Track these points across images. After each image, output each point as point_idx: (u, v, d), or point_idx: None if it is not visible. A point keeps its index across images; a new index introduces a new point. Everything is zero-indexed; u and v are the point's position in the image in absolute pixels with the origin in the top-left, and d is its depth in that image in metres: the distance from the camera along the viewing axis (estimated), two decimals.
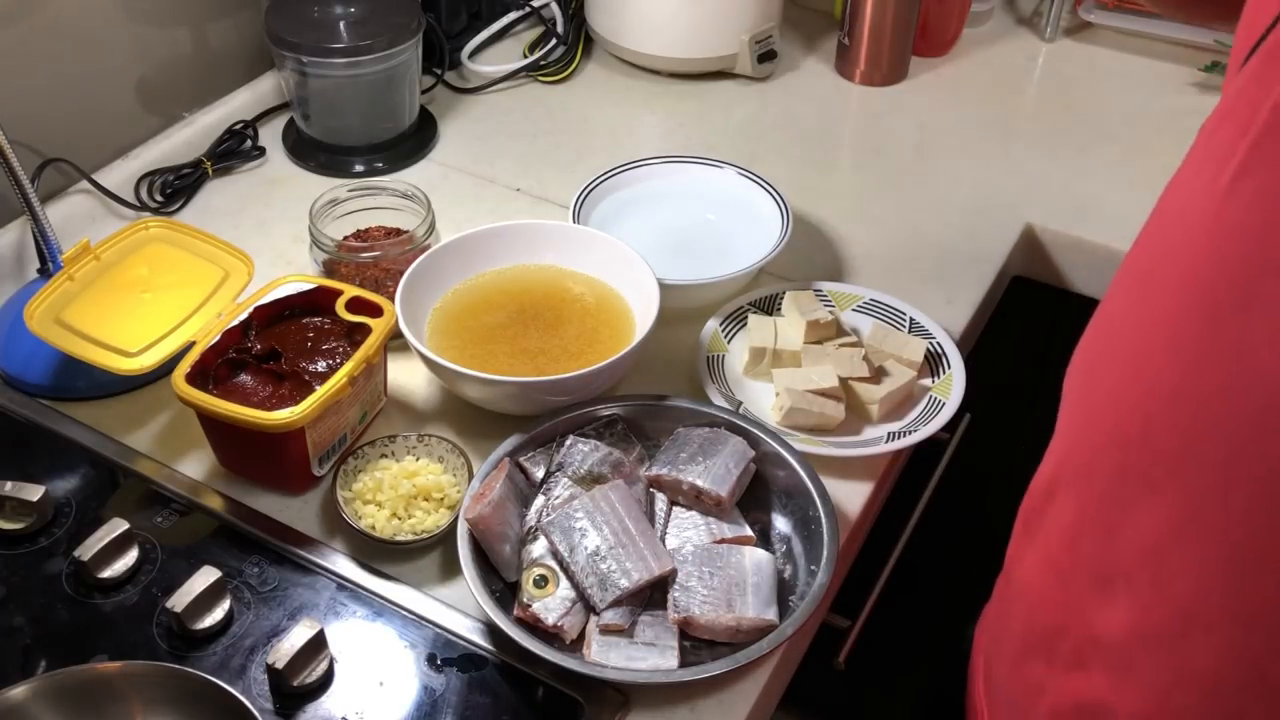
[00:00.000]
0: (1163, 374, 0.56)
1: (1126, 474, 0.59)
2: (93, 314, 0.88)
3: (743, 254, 1.02)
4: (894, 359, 0.94)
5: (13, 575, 0.80)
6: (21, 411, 0.91)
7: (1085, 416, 0.64)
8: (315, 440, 0.83)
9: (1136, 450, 0.58)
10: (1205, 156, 0.56)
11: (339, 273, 0.96)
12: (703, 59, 1.32)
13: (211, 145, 1.18)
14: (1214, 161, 0.54)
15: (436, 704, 0.73)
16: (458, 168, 1.21)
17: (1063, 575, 0.65)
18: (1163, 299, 0.56)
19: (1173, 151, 1.34)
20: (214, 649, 0.75)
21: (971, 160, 1.23)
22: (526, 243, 0.98)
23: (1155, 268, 0.58)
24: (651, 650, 0.74)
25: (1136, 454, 0.58)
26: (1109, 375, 0.61)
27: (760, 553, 0.78)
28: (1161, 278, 0.57)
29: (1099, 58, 1.39)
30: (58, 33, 1.05)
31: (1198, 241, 0.54)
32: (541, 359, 0.91)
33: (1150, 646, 0.59)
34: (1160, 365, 0.56)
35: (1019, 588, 0.72)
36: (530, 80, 1.34)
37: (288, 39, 1.12)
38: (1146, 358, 0.57)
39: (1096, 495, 0.62)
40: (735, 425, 0.85)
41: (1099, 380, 0.63)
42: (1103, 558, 0.61)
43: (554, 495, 0.81)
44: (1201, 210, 0.54)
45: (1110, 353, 0.62)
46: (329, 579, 0.80)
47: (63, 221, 1.02)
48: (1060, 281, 1.16)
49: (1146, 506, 0.58)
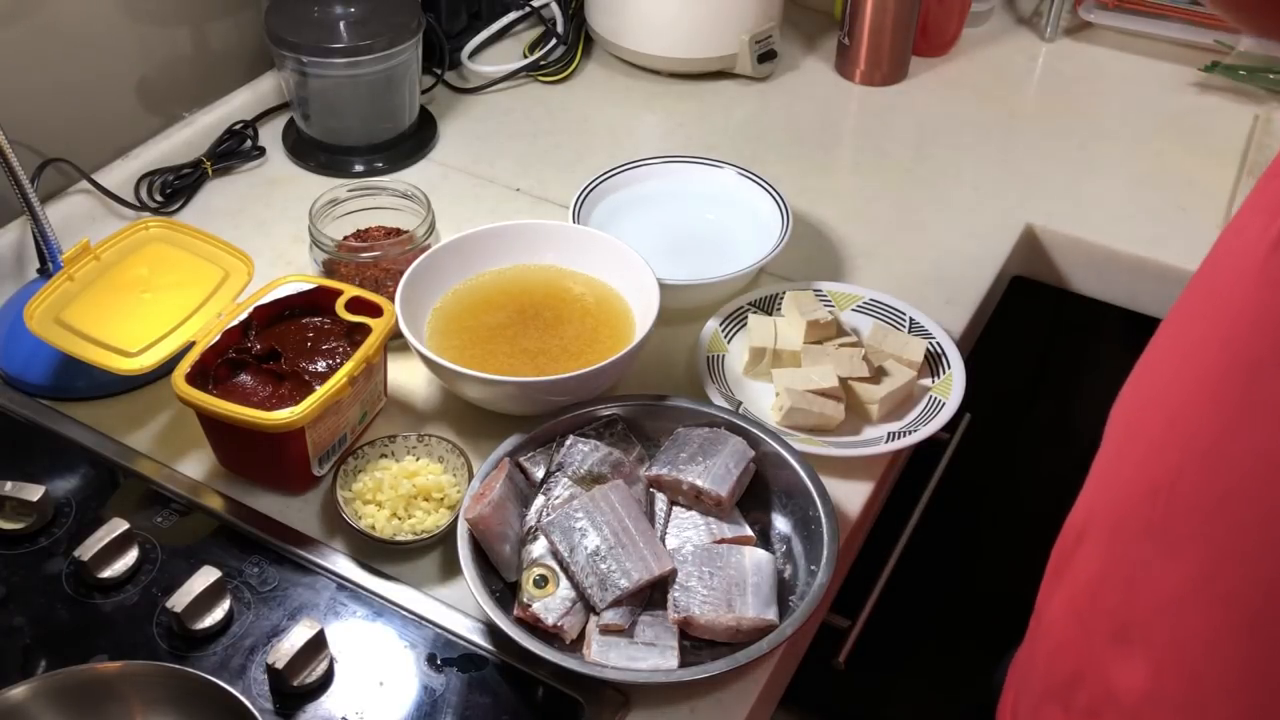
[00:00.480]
0: (1199, 429, 0.54)
1: (1152, 527, 0.57)
2: (93, 314, 0.88)
3: (743, 254, 1.02)
4: (894, 359, 0.94)
5: (13, 575, 0.80)
6: (21, 411, 0.91)
7: (1120, 462, 0.63)
8: (315, 440, 0.83)
9: (1164, 504, 0.56)
10: (1258, 205, 0.54)
11: (339, 273, 0.96)
12: (703, 59, 1.32)
13: (211, 145, 1.18)
14: (1265, 211, 0.52)
15: (436, 704, 0.73)
16: (458, 168, 1.21)
17: (1084, 623, 0.64)
18: (1207, 351, 0.55)
19: (1173, 151, 1.35)
20: (214, 649, 0.75)
21: (971, 160, 1.23)
22: (526, 243, 0.98)
23: (1201, 315, 0.57)
24: (651, 650, 0.74)
25: (1164, 508, 0.56)
26: (1147, 423, 0.60)
27: (760, 553, 0.78)
28: (1206, 327, 0.55)
29: (1099, 58, 1.39)
30: (58, 33, 1.05)
31: (1243, 294, 0.52)
32: (541, 359, 0.91)
33: (1164, 711, 0.58)
34: (1198, 420, 0.54)
35: (1045, 629, 0.70)
36: (530, 80, 1.34)
37: (288, 39, 1.12)
38: (1185, 410, 0.56)
39: (1122, 545, 0.60)
40: (735, 425, 0.85)
41: (1137, 427, 0.61)
42: (1123, 610, 0.60)
43: (554, 495, 0.81)
44: (1248, 261, 0.52)
45: (1151, 400, 0.60)
46: (329, 579, 0.80)
47: (63, 221, 1.02)
48: (1060, 281, 1.16)
49: (1168, 562, 0.56)
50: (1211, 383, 0.54)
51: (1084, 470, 0.68)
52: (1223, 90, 1.31)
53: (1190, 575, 0.55)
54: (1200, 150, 1.23)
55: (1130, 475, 0.60)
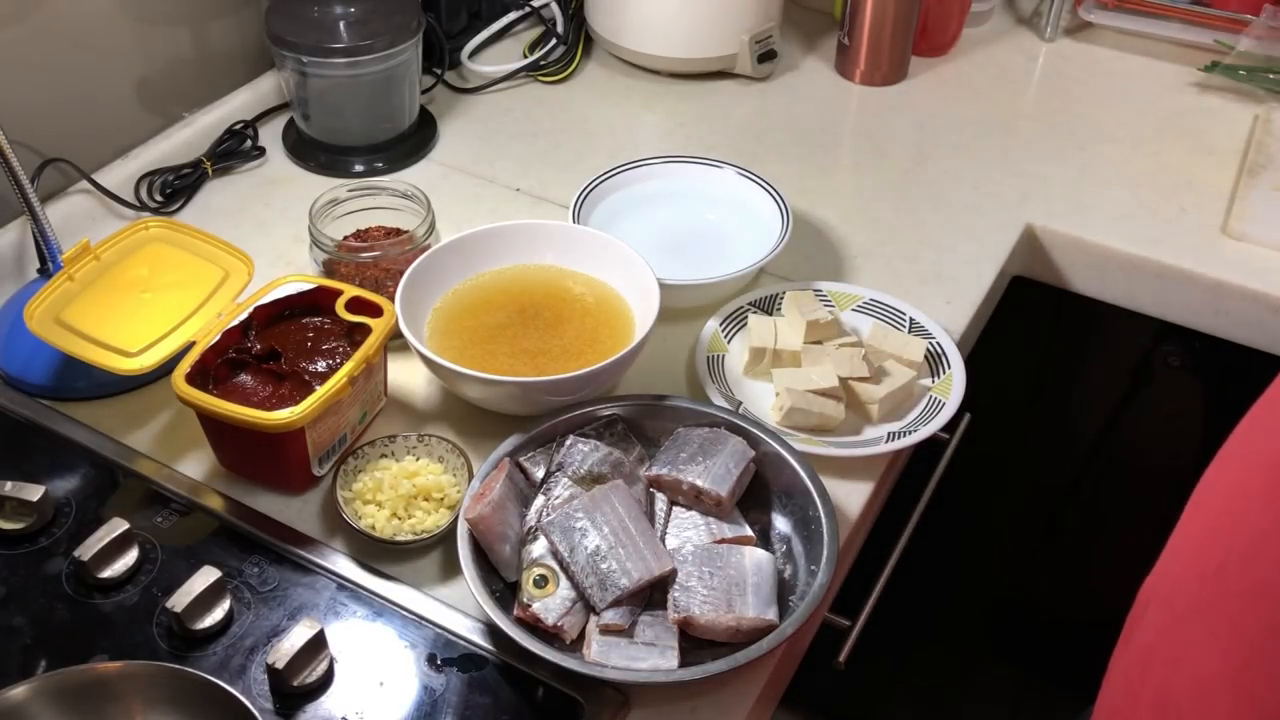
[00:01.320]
0: (1253, 515, 0.54)
1: (1199, 608, 0.57)
2: (93, 314, 0.88)
3: (743, 254, 1.02)
4: (894, 359, 0.94)
5: (13, 575, 0.80)
6: (21, 411, 0.91)
7: (1182, 539, 0.62)
8: (315, 440, 0.83)
9: (1211, 587, 0.56)
10: None
11: (339, 273, 0.96)
12: (703, 59, 1.32)
13: (211, 145, 1.18)
14: None
15: (436, 704, 0.73)
16: (458, 168, 1.21)
17: (1134, 694, 0.63)
18: (1271, 440, 0.54)
19: (1173, 151, 1.35)
20: (214, 649, 0.75)
21: (971, 160, 1.23)
22: (526, 243, 0.98)
23: (1276, 398, 0.56)
24: (651, 650, 0.74)
25: (1211, 591, 0.56)
26: (1212, 501, 0.60)
27: (760, 553, 0.78)
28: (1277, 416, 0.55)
29: (1099, 58, 1.39)
30: (58, 33, 1.05)
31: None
32: (541, 359, 0.91)
33: None
34: (1253, 505, 0.54)
35: (1104, 695, 0.69)
36: (530, 80, 1.34)
37: (288, 39, 1.12)
38: (1245, 493, 0.55)
39: (1175, 621, 0.60)
40: (735, 425, 0.85)
41: (1203, 504, 0.61)
42: (1164, 689, 0.59)
43: (554, 495, 0.81)
44: None
45: (1218, 480, 0.60)
46: (329, 579, 0.80)
47: (63, 221, 1.02)
48: (1060, 281, 1.16)
49: (1206, 646, 0.56)
50: (1264, 472, 0.53)
51: (1085, 474, 0.68)
52: (1223, 90, 1.31)
53: (1224, 665, 0.54)
54: (1200, 150, 1.23)
55: (1190, 551, 0.60)
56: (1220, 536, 0.56)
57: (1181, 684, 0.58)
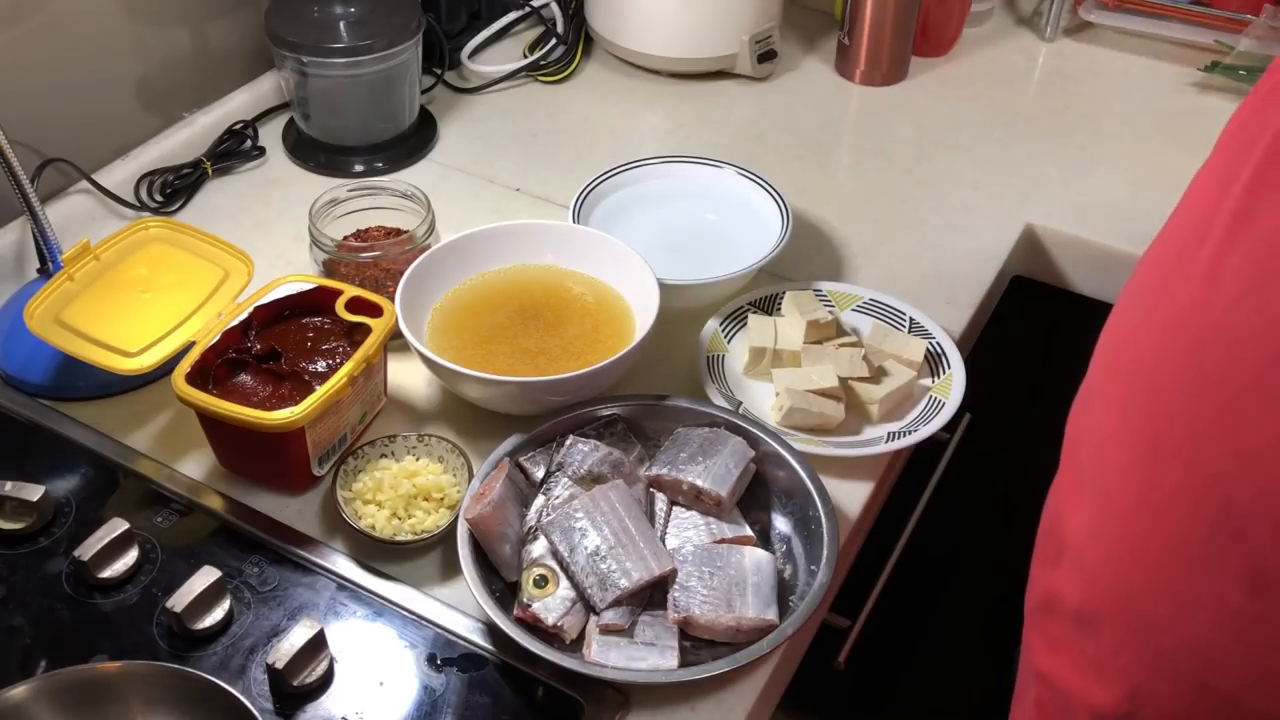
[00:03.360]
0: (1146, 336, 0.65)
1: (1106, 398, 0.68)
2: (93, 314, 0.88)
3: (743, 254, 1.02)
4: (894, 359, 0.94)
5: (13, 575, 0.80)
6: (21, 411, 0.91)
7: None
8: (315, 440, 0.83)
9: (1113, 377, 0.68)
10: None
11: (339, 273, 0.96)
12: (703, 59, 1.32)
13: (211, 145, 1.18)
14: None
15: (436, 704, 0.73)
16: (458, 168, 1.21)
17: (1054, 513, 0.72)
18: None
19: (1173, 151, 1.35)
20: (214, 649, 0.75)
21: (971, 160, 1.23)
22: (526, 243, 0.98)
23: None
24: (651, 650, 0.74)
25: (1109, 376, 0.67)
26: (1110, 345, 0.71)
27: (760, 553, 0.78)
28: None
29: (1099, 58, 1.39)
30: (58, 33, 1.05)
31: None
32: (541, 359, 0.91)
33: (1099, 545, 0.64)
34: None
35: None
36: (530, 80, 1.34)
37: (288, 39, 1.12)
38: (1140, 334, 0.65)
39: (1095, 451, 0.68)
40: (735, 425, 0.85)
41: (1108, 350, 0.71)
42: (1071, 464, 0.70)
43: (554, 495, 0.81)
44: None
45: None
46: (329, 579, 0.80)
47: (63, 221, 1.02)
48: (1060, 281, 1.16)
49: (1104, 412, 0.68)
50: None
51: None
52: (1223, 90, 1.31)
53: (1120, 421, 0.63)
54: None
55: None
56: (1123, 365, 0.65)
57: (1085, 453, 0.66)
